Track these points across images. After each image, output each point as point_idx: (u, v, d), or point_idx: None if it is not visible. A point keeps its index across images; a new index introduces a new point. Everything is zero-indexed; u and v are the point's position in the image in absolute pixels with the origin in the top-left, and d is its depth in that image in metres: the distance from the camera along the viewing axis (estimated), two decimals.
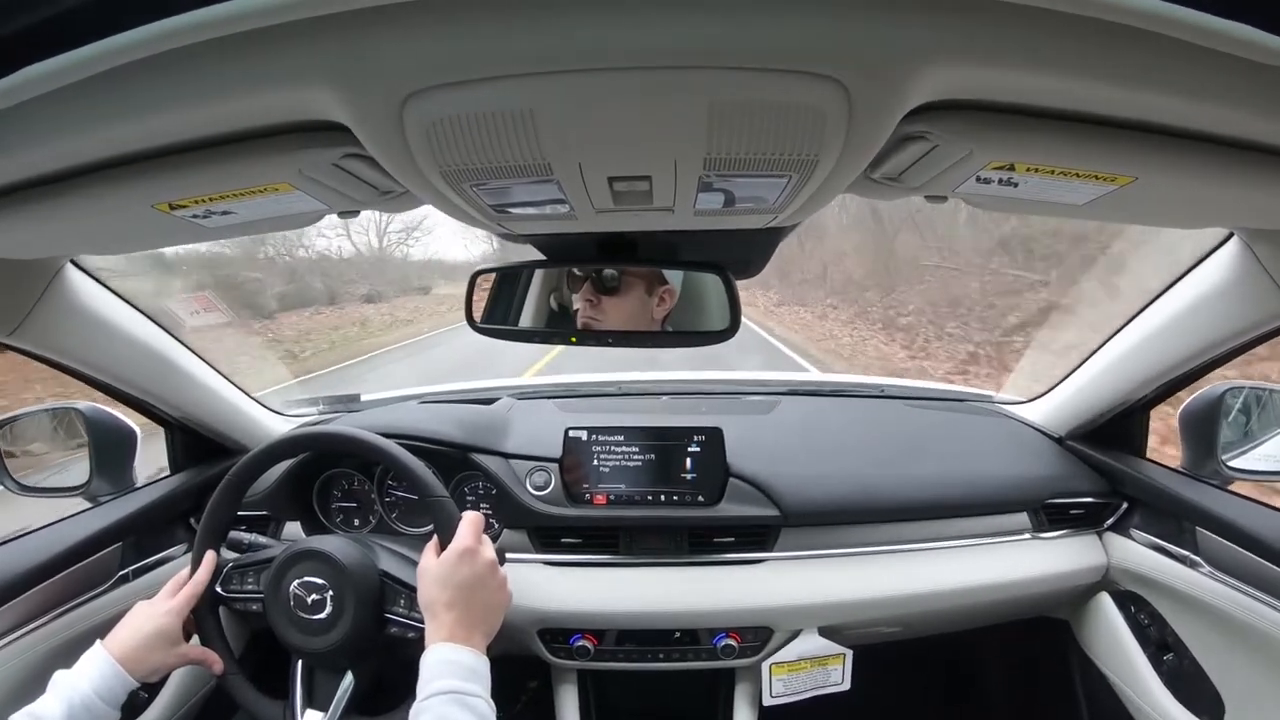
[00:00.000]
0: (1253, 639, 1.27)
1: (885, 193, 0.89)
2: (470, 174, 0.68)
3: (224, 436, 1.73)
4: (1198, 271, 1.29)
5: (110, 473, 1.56)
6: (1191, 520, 1.42)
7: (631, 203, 0.81)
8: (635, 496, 1.58)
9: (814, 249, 18.67)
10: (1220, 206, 0.91)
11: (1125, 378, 1.53)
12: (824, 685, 1.61)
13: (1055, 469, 1.71)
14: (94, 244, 1.07)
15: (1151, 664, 1.51)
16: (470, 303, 1.26)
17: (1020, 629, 1.79)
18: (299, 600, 1.25)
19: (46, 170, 0.72)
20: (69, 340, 1.28)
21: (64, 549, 1.35)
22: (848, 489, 1.62)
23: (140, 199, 0.77)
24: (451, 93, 0.54)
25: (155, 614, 1.22)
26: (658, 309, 1.25)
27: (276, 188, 0.78)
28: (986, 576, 1.59)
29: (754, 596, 1.55)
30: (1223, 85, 0.54)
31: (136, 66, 0.49)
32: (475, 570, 1.15)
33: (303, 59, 0.52)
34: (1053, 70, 0.54)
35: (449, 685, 1.01)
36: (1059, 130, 0.65)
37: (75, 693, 1.06)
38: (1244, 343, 1.27)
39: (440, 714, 0.98)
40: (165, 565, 1.57)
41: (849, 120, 0.58)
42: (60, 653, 1.29)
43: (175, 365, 1.52)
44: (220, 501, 1.36)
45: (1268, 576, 1.24)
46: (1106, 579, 1.64)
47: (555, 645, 1.57)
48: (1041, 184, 0.78)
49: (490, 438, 1.68)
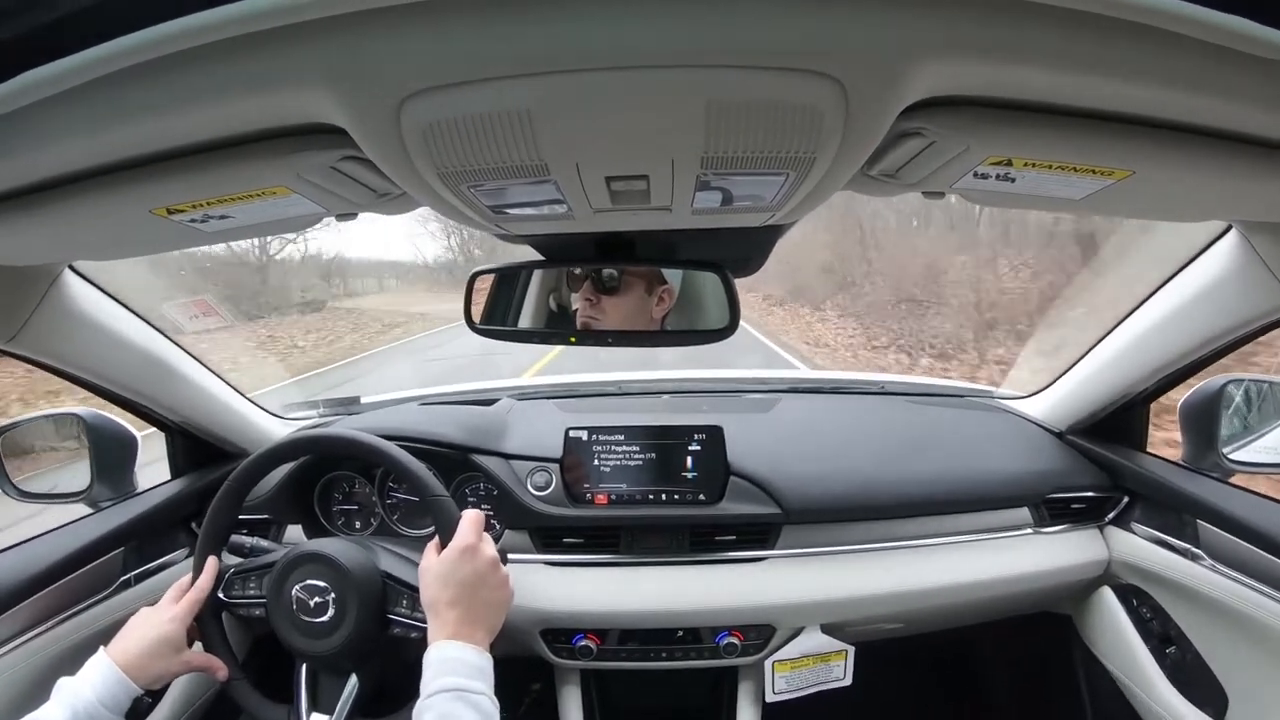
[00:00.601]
0: (1255, 631, 1.27)
1: (882, 189, 0.89)
2: (467, 175, 0.68)
3: (224, 440, 1.73)
4: (1196, 265, 1.29)
5: (111, 478, 1.56)
6: (1192, 513, 1.42)
7: (629, 202, 0.81)
8: (636, 496, 1.58)
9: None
10: (1218, 200, 0.91)
11: (1125, 371, 1.53)
12: (826, 681, 1.61)
13: (1056, 464, 1.71)
14: (92, 249, 1.07)
15: (1154, 657, 1.51)
16: (469, 304, 1.26)
17: (1022, 624, 1.79)
18: (301, 603, 1.25)
19: (44, 176, 0.72)
20: (68, 346, 1.28)
21: (66, 555, 1.35)
22: (849, 486, 1.62)
23: (138, 204, 0.77)
24: (448, 94, 0.54)
25: (159, 621, 1.22)
26: (657, 308, 1.25)
27: (274, 191, 0.78)
28: (988, 572, 1.59)
29: (756, 594, 1.55)
30: (1220, 79, 0.54)
31: (134, 71, 0.49)
32: (477, 567, 1.15)
33: (299, 62, 0.52)
34: (1050, 65, 0.54)
35: (452, 683, 1.01)
36: (1056, 125, 0.65)
37: (79, 700, 1.06)
38: (1243, 335, 1.27)
39: (443, 711, 0.98)
40: (167, 570, 1.57)
41: (846, 117, 0.58)
42: (63, 659, 1.29)
43: (175, 370, 1.52)
44: (221, 507, 1.35)
45: (1269, 569, 1.24)
46: (1108, 573, 1.64)
47: (558, 646, 1.57)
48: (1039, 179, 0.78)
49: (491, 439, 1.68)
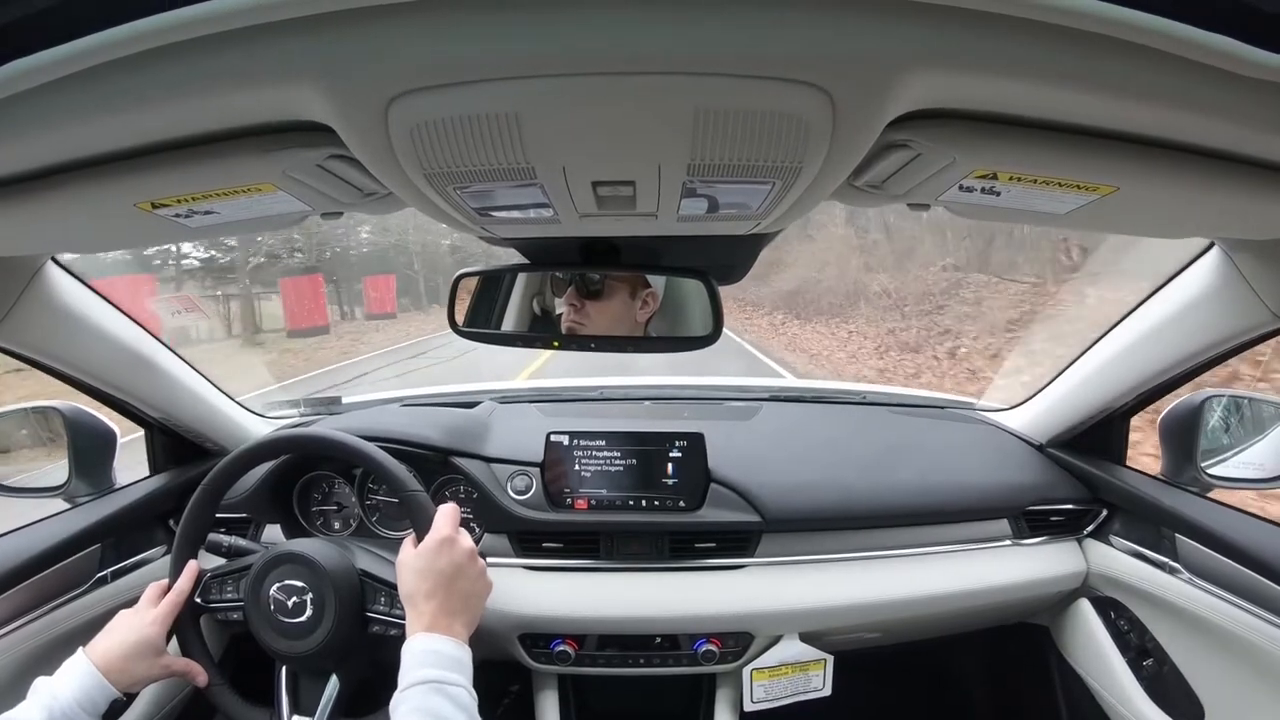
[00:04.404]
0: (1231, 645, 1.28)
1: (868, 200, 0.89)
2: (454, 177, 0.68)
3: (204, 438, 1.72)
4: (1178, 281, 1.30)
5: (89, 473, 1.55)
6: (1171, 527, 1.43)
7: (615, 207, 0.81)
8: (617, 501, 1.58)
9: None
10: (1201, 217, 0.92)
11: (1106, 386, 1.54)
12: (805, 691, 1.61)
13: (1036, 476, 1.72)
14: (74, 242, 1.06)
15: (1131, 669, 1.52)
16: (453, 306, 1.26)
17: (1001, 635, 1.80)
18: (279, 604, 1.24)
19: (26, 167, 0.71)
20: (49, 339, 1.27)
21: (42, 550, 1.34)
22: (829, 495, 1.62)
23: (122, 197, 0.76)
24: (436, 95, 0.54)
25: (139, 624, 1.21)
26: (641, 312, 1.25)
27: (260, 188, 0.77)
28: (967, 582, 1.60)
29: (735, 602, 1.55)
30: (1204, 97, 0.55)
31: (119, 64, 0.49)
32: (454, 559, 1.15)
33: (288, 59, 0.52)
34: (1036, 80, 0.54)
35: (429, 675, 1.01)
36: (1042, 140, 0.66)
37: (56, 701, 1.05)
38: (1223, 352, 1.28)
39: (418, 704, 0.98)
40: (144, 567, 1.57)
41: (833, 128, 0.58)
42: (38, 655, 1.28)
43: (156, 365, 1.51)
44: (197, 507, 1.35)
45: (1246, 583, 1.25)
46: (1086, 585, 1.66)
47: (536, 650, 1.57)
48: (1024, 193, 0.78)
49: (471, 441, 1.68)
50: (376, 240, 34.99)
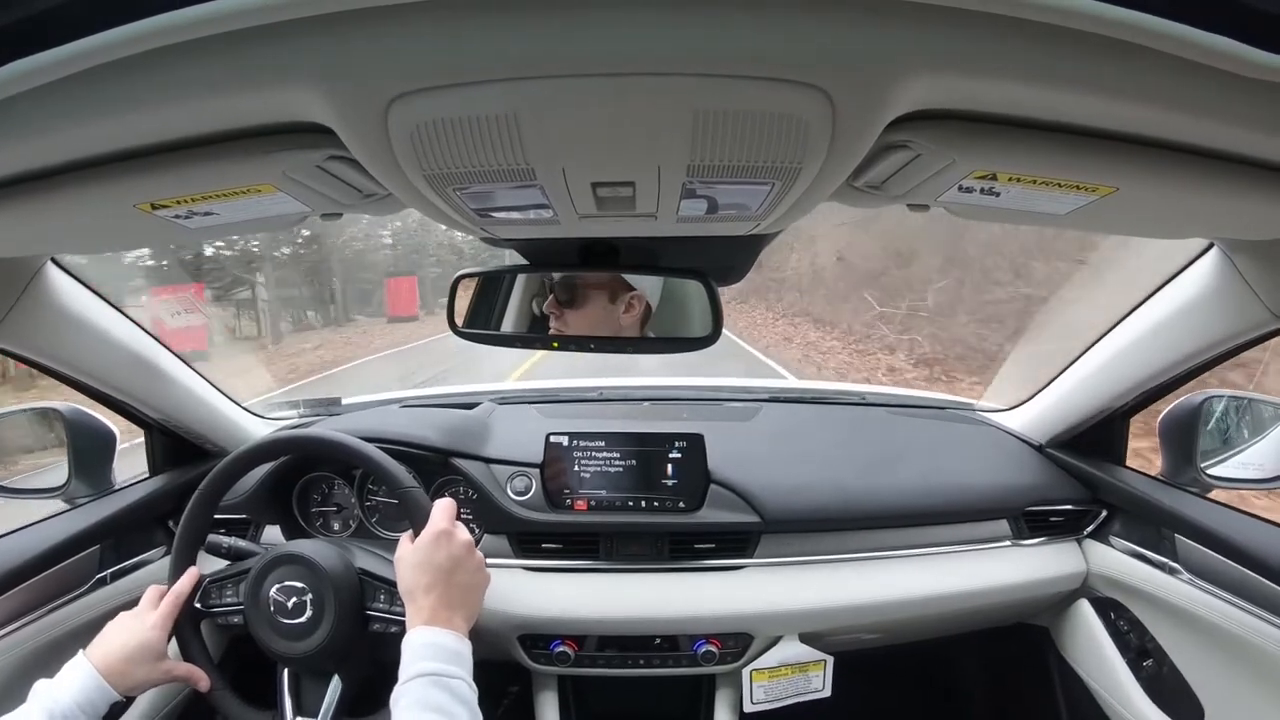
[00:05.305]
0: (1231, 645, 1.28)
1: (868, 201, 0.89)
2: (453, 178, 0.68)
3: (203, 439, 1.72)
4: (1178, 281, 1.30)
5: (89, 474, 1.55)
6: (1171, 527, 1.43)
7: (615, 208, 0.81)
8: (616, 502, 1.58)
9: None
10: (1201, 217, 0.92)
11: (1105, 386, 1.54)
12: (805, 692, 1.61)
13: (1035, 477, 1.71)
14: (74, 243, 1.06)
15: (1131, 670, 1.52)
16: (452, 306, 1.26)
17: (1000, 636, 1.80)
18: (279, 605, 1.24)
19: (26, 168, 0.71)
20: (49, 340, 1.26)
21: (41, 551, 1.33)
22: (828, 496, 1.62)
23: (121, 198, 0.76)
24: (436, 96, 0.54)
25: (140, 628, 1.20)
26: (625, 315, 1.25)
27: (259, 189, 0.77)
28: (967, 583, 1.60)
29: (734, 603, 1.55)
30: (1204, 97, 0.55)
31: (119, 65, 0.49)
32: (452, 552, 1.15)
33: (287, 60, 0.52)
34: (1036, 81, 0.54)
35: (429, 667, 1.01)
36: (1041, 141, 0.66)
37: (57, 704, 1.05)
38: (1223, 352, 1.28)
39: (419, 696, 0.98)
40: (144, 568, 1.57)
41: (833, 129, 0.58)
42: (38, 656, 1.28)
43: (155, 366, 1.51)
44: (197, 508, 1.35)
45: (1246, 583, 1.25)
46: (1086, 586, 1.65)
47: (535, 651, 1.57)
48: (1023, 194, 0.78)
49: (471, 442, 1.68)
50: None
